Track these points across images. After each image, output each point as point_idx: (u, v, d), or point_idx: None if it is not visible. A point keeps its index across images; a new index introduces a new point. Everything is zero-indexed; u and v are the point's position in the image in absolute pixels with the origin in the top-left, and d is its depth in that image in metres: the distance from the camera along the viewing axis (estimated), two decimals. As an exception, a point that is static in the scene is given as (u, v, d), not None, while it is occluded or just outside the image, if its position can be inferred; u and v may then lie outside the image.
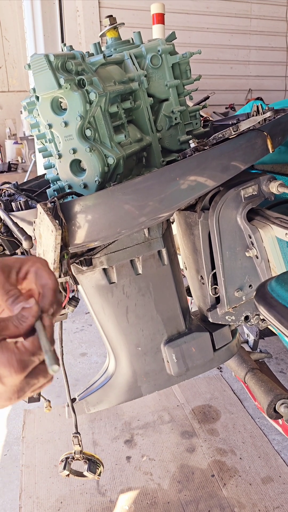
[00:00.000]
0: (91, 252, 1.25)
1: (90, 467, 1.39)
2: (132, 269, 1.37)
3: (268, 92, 5.95)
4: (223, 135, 1.11)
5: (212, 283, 1.42)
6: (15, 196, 1.27)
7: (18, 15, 5.55)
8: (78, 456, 1.38)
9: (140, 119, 1.25)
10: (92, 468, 1.39)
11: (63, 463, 1.38)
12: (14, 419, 2.54)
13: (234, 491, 2.00)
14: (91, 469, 1.39)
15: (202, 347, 1.45)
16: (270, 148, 1.16)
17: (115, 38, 1.33)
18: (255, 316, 1.48)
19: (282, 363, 2.92)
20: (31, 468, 2.18)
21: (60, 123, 1.09)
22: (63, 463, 1.38)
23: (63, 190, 1.17)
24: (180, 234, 1.53)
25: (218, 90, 5.01)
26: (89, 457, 1.41)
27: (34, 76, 1.05)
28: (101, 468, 1.41)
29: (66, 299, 0.98)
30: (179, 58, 1.27)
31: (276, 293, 1.01)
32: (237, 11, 5.63)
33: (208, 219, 1.34)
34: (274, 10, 5.85)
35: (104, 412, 2.48)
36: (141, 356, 1.45)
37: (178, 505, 1.94)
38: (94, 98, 1.05)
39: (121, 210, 0.99)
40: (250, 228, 1.32)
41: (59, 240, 0.92)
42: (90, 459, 1.41)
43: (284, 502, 1.94)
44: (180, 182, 1.02)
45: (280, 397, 1.63)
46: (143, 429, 2.40)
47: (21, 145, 5.59)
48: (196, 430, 2.38)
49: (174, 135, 1.32)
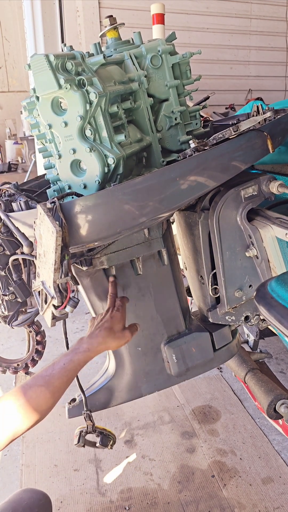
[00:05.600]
0: (91, 252, 1.25)
1: (102, 440, 1.43)
2: (132, 269, 1.37)
3: (268, 92, 5.94)
4: (223, 135, 1.11)
5: (212, 283, 1.42)
6: (15, 196, 1.27)
7: (18, 15, 5.55)
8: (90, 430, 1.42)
9: (140, 119, 1.25)
10: (104, 441, 1.43)
11: (77, 436, 1.42)
12: (14, 419, 2.54)
13: (234, 491, 2.00)
14: (103, 442, 1.43)
15: (202, 347, 1.45)
16: (270, 148, 1.16)
17: (115, 38, 1.33)
18: (255, 316, 1.48)
19: (282, 363, 2.92)
20: (31, 467, 2.18)
21: (60, 123, 1.09)
22: (77, 437, 1.42)
23: (63, 190, 1.17)
24: (180, 234, 1.53)
25: (218, 90, 5.01)
26: (101, 431, 1.45)
27: (34, 76, 1.05)
28: (113, 440, 1.45)
29: (67, 299, 0.98)
30: (179, 58, 1.27)
31: (276, 293, 1.01)
32: (237, 11, 5.62)
33: (208, 219, 1.34)
34: (274, 10, 5.85)
35: (104, 412, 2.47)
36: (141, 356, 1.45)
37: (178, 506, 1.94)
38: (94, 98, 1.05)
39: (121, 210, 0.99)
40: (250, 228, 1.32)
41: (60, 241, 0.91)
42: (102, 432, 1.45)
43: (284, 502, 1.94)
44: (180, 182, 1.01)
45: (280, 397, 1.63)
46: (143, 430, 2.40)
47: (21, 145, 5.58)
48: (196, 430, 2.38)
49: (174, 135, 1.32)
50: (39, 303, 1.06)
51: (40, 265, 1.02)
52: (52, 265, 0.94)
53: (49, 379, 1.08)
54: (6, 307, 1.36)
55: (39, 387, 1.06)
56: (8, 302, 1.35)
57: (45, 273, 0.99)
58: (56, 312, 1.00)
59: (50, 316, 1.02)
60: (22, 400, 1.03)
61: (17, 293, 1.33)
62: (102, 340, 1.18)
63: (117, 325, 1.22)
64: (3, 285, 1.33)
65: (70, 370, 1.11)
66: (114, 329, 1.21)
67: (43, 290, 1.02)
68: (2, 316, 1.39)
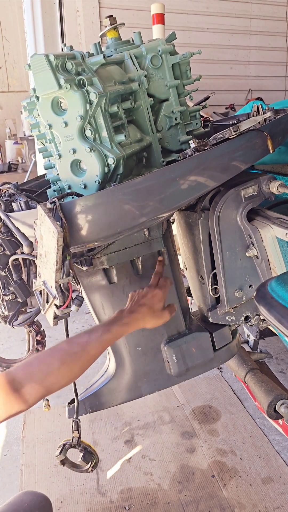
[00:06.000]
0: (92, 252, 1.25)
1: (84, 456, 1.41)
2: (132, 269, 1.37)
3: (268, 92, 5.94)
4: (223, 135, 1.11)
5: (212, 283, 1.42)
6: (15, 196, 1.27)
7: (18, 15, 5.54)
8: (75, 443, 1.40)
9: (140, 119, 1.25)
10: (86, 458, 1.41)
11: (60, 448, 1.40)
12: (14, 419, 2.53)
13: (234, 491, 2.00)
14: (85, 459, 1.40)
15: (202, 347, 1.45)
16: (270, 148, 1.16)
17: (115, 38, 1.33)
18: (255, 316, 1.48)
19: (282, 363, 2.92)
20: (31, 467, 2.18)
21: (60, 123, 1.09)
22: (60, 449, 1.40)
23: (63, 190, 1.17)
24: (180, 234, 1.53)
25: (218, 90, 5.00)
26: (86, 447, 1.43)
27: (34, 76, 1.05)
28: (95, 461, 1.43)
29: (69, 299, 0.98)
30: (179, 58, 1.27)
31: (276, 293, 1.01)
32: (237, 11, 5.62)
33: (208, 219, 1.34)
34: (274, 10, 5.84)
35: (104, 412, 2.47)
36: (141, 356, 1.45)
37: (178, 506, 1.94)
38: (94, 98, 1.05)
39: (121, 210, 0.99)
40: (250, 228, 1.32)
41: (61, 242, 0.91)
42: (87, 448, 1.43)
43: (284, 502, 1.94)
44: (180, 182, 1.02)
45: (280, 397, 1.63)
46: (143, 430, 2.40)
47: (21, 145, 5.57)
48: (197, 430, 2.38)
49: (174, 135, 1.32)
50: (40, 303, 1.06)
51: (41, 265, 1.02)
52: (53, 266, 0.94)
53: (85, 346, 1.07)
54: (6, 307, 1.36)
55: (75, 353, 1.05)
56: (8, 302, 1.35)
57: (46, 273, 0.99)
58: (58, 311, 1.00)
59: (52, 316, 1.02)
60: (57, 363, 1.03)
61: (17, 293, 1.33)
62: (141, 317, 1.19)
63: (157, 304, 1.23)
64: (3, 285, 1.33)
65: (107, 340, 1.11)
66: (154, 307, 1.22)
67: (45, 290, 1.02)
68: (2, 316, 1.39)
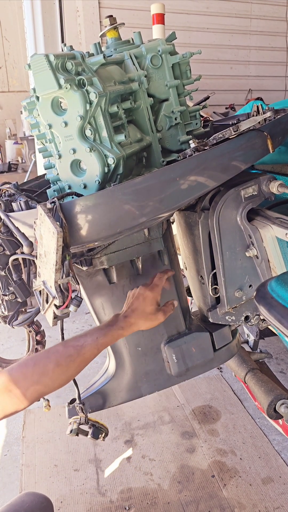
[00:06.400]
0: (91, 252, 1.25)
1: (94, 432, 1.43)
2: (132, 269, 1.37)
3: (268, 92, 5.94)
4: (223, 135, 1.11)
5: (212, 283, 1.42)
6: (15, 196, 1.27)
7: (18, 15, 5.54)
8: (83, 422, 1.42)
9: (140, 119, 1.25)
10: (95, 434, 1.43)
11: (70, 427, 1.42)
12: (14, 419, 2.54)
13: (234, 491, 2.00)
14: (94, 434, 1.43)
15: (202, 347, 1.45)
16: (270, 148, 1.16)
17: (115, 38, 1.33)
18: (255, 316, 1.48)
19: (282, 363, 2.92)
20: (31, 467, 2.18)
21: (60, 123, 1.09)
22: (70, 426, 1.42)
23: (63, 190, 1.17)
24: (180, 234, 1.53)
25: (218, 90, 5.01)
26: (93, 423, 1.45)
27: (34, 76, 1.05)
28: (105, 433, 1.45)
29: (68, 299, 0.98)
30: (179, 58, 1.27)
31: (276, 293, 1.01)
32: (237, 11, 5.62)
33: (208, 219, 1.34)
34: (274, 10, 5.85)
35: (104, 412, 2.47)
36: (141, 356, 1.45)
37: (178, 506, 1.94)
38: (94, 98, 1.05)
39: (121, 210, 0.99)
40: (250, 228, 1.32)
41: (61, 242, 0.91)
42: (95, 425, 1.45)
43: (284, 502, 1.94)
44: (180, 182, 1.01)
45: (280, 397, 1.63)
46: (143, 430, 2.40)
47: (21, 145, 5.57)
48: (196, 430, 2.38)
49: (174, 135, 1.32)
50: (40, 303, 1.06)
51: (41, 265, 1.02)
52: (53, 266, 0.94)
53: (81, 349, 1.09)
54: (6, 307, 1.36)
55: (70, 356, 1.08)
56: (8, 302, 1.35)
57: (46, 273, 0.99)
58: (57, 311, 1.00)
59: (51, 316, 1.03)
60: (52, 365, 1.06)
61: (17, 293, 1.33)
62: (134, 321, 1.20)
63: (148, 307, 1.22)
64: (3, 285, 1.33)
65: (102, 344, 1.13)
66: (145, 310, 1.22)
67: (44, 290, 1.02)
68: (2, 316, 1.39)
